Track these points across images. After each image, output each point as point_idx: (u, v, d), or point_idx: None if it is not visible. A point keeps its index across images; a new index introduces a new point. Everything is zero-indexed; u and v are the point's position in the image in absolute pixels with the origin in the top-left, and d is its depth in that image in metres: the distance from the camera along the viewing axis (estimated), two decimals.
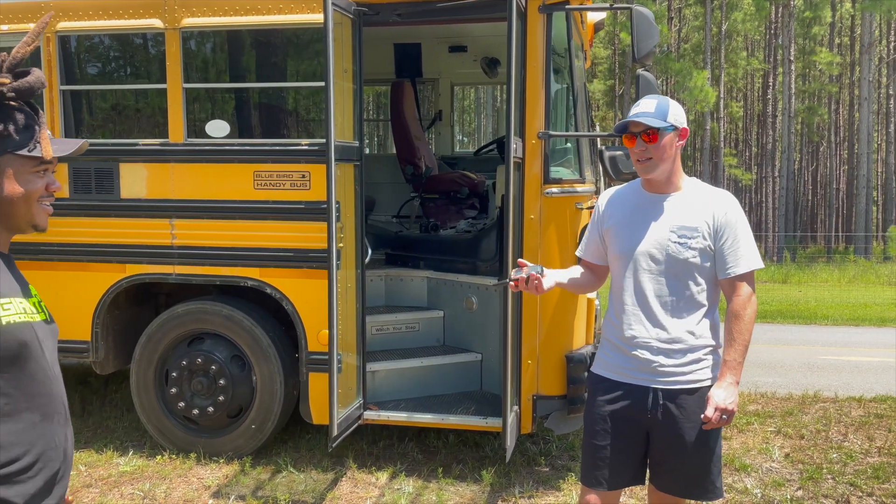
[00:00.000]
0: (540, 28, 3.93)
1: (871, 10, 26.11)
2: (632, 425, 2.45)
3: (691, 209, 2.40)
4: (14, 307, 1.44)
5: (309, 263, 4.27)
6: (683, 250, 2.36)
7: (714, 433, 2.44)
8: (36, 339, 1.47)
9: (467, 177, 5.88)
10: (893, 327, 11.03)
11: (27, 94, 1.46)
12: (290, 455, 4.52)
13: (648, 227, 2.41)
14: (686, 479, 2.47)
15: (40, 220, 1.53)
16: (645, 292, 2.40)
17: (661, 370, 2.40)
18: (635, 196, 2.49)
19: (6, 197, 1.47)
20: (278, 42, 4.43)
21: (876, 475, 4.04)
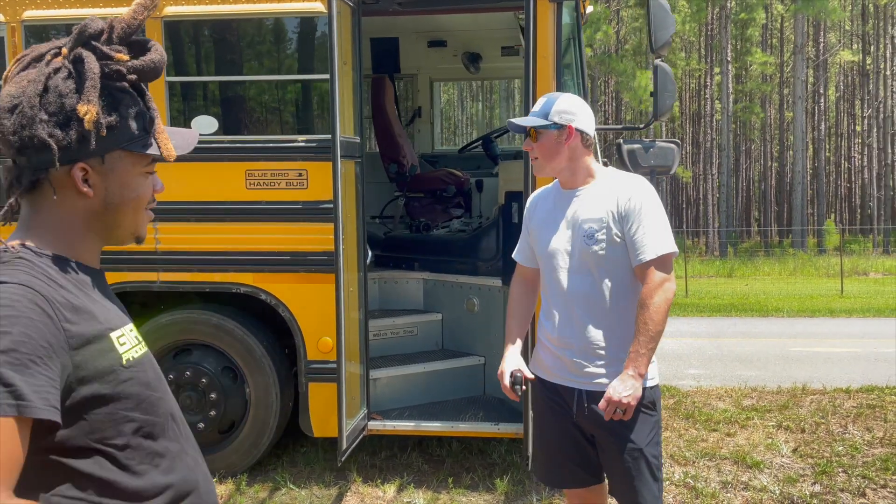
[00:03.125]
0: (550, 18, 3.80)
1: (802, 11, 27.16)
2: (561, 423, 2.43)
3: (597, 201, 2.33)
4: (128, 339, 1.18)
5: (307, 267, 4.02)
6: (591, 244, 2.29)
7: (643, 436, 2.30)
8: (154, 371, 1.24)
9: (453, 175, 5.71)
10: (844, 318, 11.43)
11: (151, 76, 1.16)
12: (288, 471, 4.26)
13: (560, 225, 2.37)
14: (617, 481, 2.39)
15: (144, 230, 1.25)
16: (564, 291, 2.34)
17: (585, 371, 2.34)
18: (553, 194, 2.46)
19: (115, 204, 1.18)
20: (270, 32, 4.17)
21: (885, 466, 4.07)
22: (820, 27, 34.70)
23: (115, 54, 1.13)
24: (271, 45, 4.23)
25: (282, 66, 4.25)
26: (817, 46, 35.13)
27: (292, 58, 4.23)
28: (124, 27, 1.14)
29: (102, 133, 1.11)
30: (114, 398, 1.12)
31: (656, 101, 3.61)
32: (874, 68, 35.42)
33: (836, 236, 24.64)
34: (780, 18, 36.51)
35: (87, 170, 1.14)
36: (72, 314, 1.09)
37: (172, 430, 1.24)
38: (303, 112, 4.29)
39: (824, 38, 35.93)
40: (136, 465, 1.16)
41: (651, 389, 2.33)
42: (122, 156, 1.16)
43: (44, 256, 1.13)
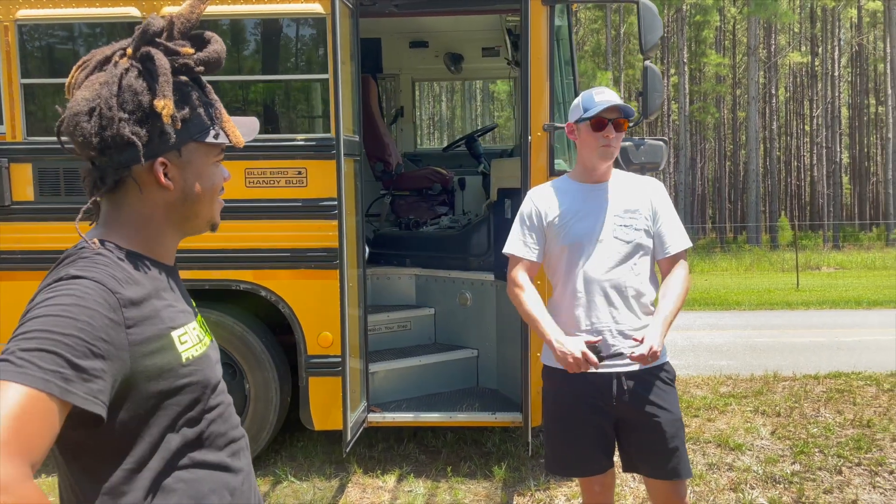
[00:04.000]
0: (543, 20, 3.94)
1: (754, 14, 27.98)
2: (598, 414, 2.46)
3: (630, 194, 2.50)
4: (189, 337, 1.20)
5: (307, 264, 4.09)
6: (631, 232, 2.45)
7: (677, 407, 2.49)
8: (214, 371, 1.25)
9: (439, 173, 5.82)
10: (803, 310, 11.88)
11: (216, 66, 1.20)
12: (288, 465, 4.32)
13: (596, 215, 2.46)
14: (667, 460, 2.46)
15: (218, 218, 1.29)
16: (598, 279, 2.43)
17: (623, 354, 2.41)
18: (572, 188, 2.54)
19: (193, 194, 1.22)
20: (270, 32, 4.22)
21: (858, 446, 4.32)
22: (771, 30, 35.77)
23: (181, 49, 1.18)
24: (271, 46, 4.29)
25: (281, 66, 4.31)
26: (768, 48, 36.21)
27: (291, 58, 4.28)
28: (184, 22, 1.19)
29: (177, 126, 1.16)
30: (172, 394, 1.15)
31: (645, 101, 3.77)
32: (822, 70, 36.67)
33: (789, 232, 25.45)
34: (733, 21, 37.52)
35: (166, 164, 1.18)
36: (137, 312, 1.11)
37: (236, 447, 1.26)
38: (302, 111, 4.35)
39: (775, 40, 37.06)
40: None
41: (670, 364, 2.53)
42: (196, 147, 1.20)
43: (121, 253, 1.17)
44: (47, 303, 1.06)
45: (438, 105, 40.98)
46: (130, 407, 1.11)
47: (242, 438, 1.30)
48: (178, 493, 1.16)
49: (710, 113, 34.54)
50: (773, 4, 26.15)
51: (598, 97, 2.45)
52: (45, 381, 0.98)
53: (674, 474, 2.46)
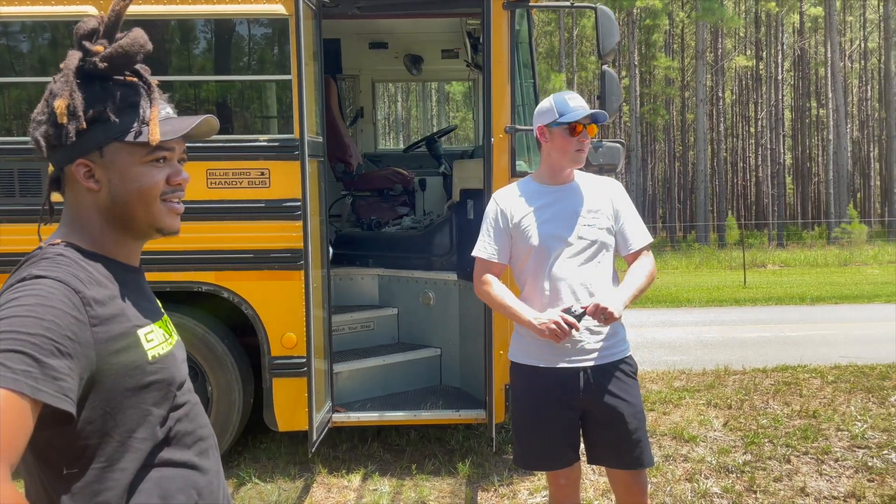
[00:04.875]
0: (504, 24, 4.01)
1: (702, 19, 28.72)
2: (565, 408, 2.53)
3: (592, 194, 2.60)
4: (156, 336, 1.21)
5: (270, 265, 4.08)
6: (595, 231, 2.54)
7: (640, 399, 2.59)
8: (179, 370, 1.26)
9: (400, 173, 5.86)
10: (750, 306, 12.28)
11: (124, 63, 1.17)
12: (252, 466, 4.31)
13: (561, 216, 2.54)
14: (630, 450, 2.54)
15: (165, 222, 1.24)
16: (564, 278, 2.50)
17: (589, 348, 2.52)
18: (537, 190, 2.60)
19: (120, 196, 1.19)
20: (232, 33, 4.19)
21: (805, 435, 4.52)
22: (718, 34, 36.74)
23: (93, 48, 1.16)
24: (233, 46, 4.26)
25: (243, 66, 4.28)
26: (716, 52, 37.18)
27: (254, 59, 4.27)
28: (105, 22, 1.18)
29: (82, 126, 1.15)
30: (139, 392, 1.16)
31: (604, 104, 3.87)
32: (767, 73, 37.86)
33: (736, 231, 26.20)
34: (681, 25, 38.43)
35: (89, 165, 1.18)
36: (101, 310, 1.13)
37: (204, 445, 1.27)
38: (265, 112, 4.34)
39: (722, 44, 38.07)
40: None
41: (632, 357, 2.62)
42: (119, 147, 1.18)
43: (82, 253, 1.19)
44: (12, 304, 1.07)
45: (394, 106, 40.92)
46: (98, 405, 1.12)
47: (210, 438, 1.31)
48: (146, 491, 1.17)
49: (660, 115, 35.34)
50: (719, 9, 26.89)
51: (572, 102, 2.52)
52: (16, 381, 0.99)
53: (636, 464, 2.55)
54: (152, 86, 1.23)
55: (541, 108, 2.60)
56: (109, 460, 1.14)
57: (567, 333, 2.39)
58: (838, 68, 30.27)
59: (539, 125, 2.59)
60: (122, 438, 1.15)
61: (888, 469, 4.04)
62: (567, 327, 2.38)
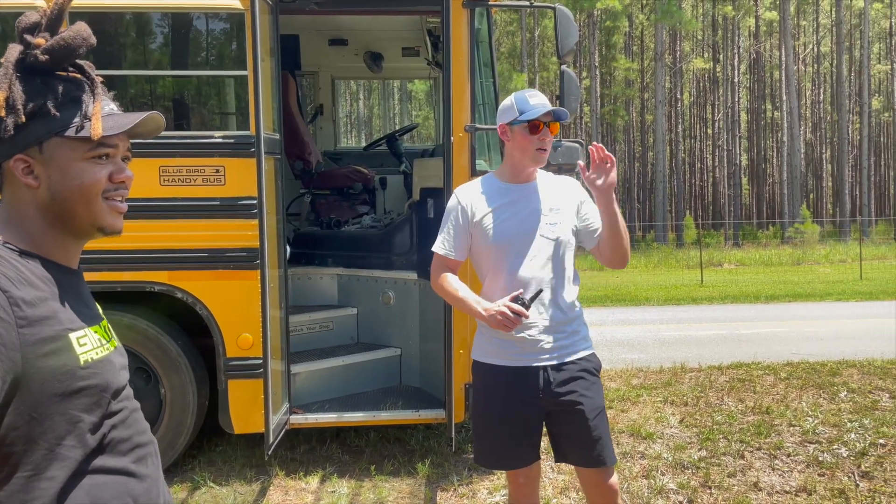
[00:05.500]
0: (464, 23, 4.00)
1: (661, 21, 29.18)
2: (527, 407, 2.52)
3: (553, 192, 2.60)
4: (90, 340, 1.17)
5: (225, 264, 4.00)
6: (556, 229, 2.53)
7: (601, 397, 2.59)
8: (116, 377, 1.21)
9: (360, 172, 5.81)
10: (706, 304, 12.52)
11: (65, 56, 1.14)
12: (207, 470, 4.22)
13: (524, 214, 2.53)
14: (592, 447, 2.54)
15: (107, 221, 1.20)
16: (525, 275, 2.49)
17: (548, 347, 2.51)
18: (499, 188, 2.58)
19: (60, 193, 1.15)
20: (187, 27, 4.09)
21: (759, 431, 4.61)
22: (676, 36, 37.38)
23: (34, 41, 1.13)
24: (188, 41, 4.17)
25: (199, 61, 4.19)
26: (674, 54, 37.82)
27: (209, 53, 4.17)
28: (48, 15, 1.15)
29: (21, 120, 1.11)
30: (69, 397, 1.11)
31: (562, 104, 3.89)
32: (723, 76, 38.67)
33: (694, 231, 26.69)
34: (641, 27, 39.00)
35: (28, 161, 1.15)
36: (31, 312, 1.09)
37: (142, 452, 1.23)
38: (220, 108, 4.25)
39: (680, 46, 38.75)
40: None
41: (595, 355, 2.62)
42: (59, 143, 1.15)
43: (16, 253, 1.14)
44: None
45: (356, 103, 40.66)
46: (23, 410, 1.08)
47: (150, 444, 1.27)
48: (77, 499, 1.13)
49: (620, 115, 35.80)
50: (677, 12, 27.35)
51: (533, 100, 2.49)
52: None
53: (599, 462, 2.54)
54: (95, 81, 1.20)
55: (503, 106, 2.58)
56: (36, 469, 1.10)
57: (516, 322, 2.38)
58: (792, 72, 31.06)
59: (500, 123, 2.57)
60: (49, 446, 1.10)
61: (838, 463, 4.14)
62: (515, 316, 2.36)
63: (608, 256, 2.56)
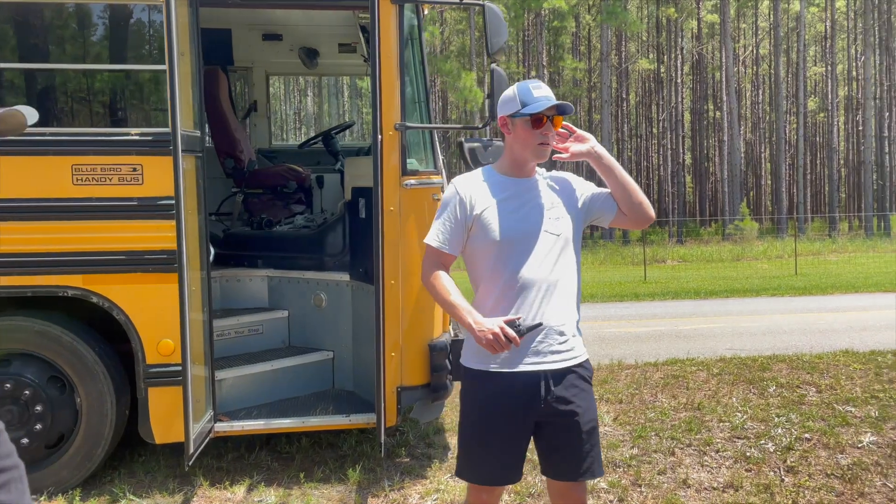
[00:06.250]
0: (393, 19, 3.91)
1: (606, 22, 29.60)
2: (520, 416, 2.41)
3: (554, 189, 2.50)
4: None
5: (144, 267, 3.83)
6: (560, 225, 2.43)
7: (595, 408, 2.52)
8: None
9: (294, 170, 5.67)
10: (648, 301, 12.73)
11: None
12: (127, 482, 4.04)
13: (528, 210, 2.43)
14: (581, 460, 2.45)
15: None
16: (531, 274, 2.38)
17: (551, 350, 2.39)
18: (501, 181, 2.47)
19: None
20: (102, 19, 3.90)
21: (690, 428, 4.66)
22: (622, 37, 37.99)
23: None
24: (104, 33, 3.97)
25: (115, 55, 4.00)
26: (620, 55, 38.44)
27: (125, 47, 3.99)
28: None
29: None
30: None
31: (492, 104, 3.84)
32: (667, 76, 39.47)
33: None
34: (588, 28, 39.51)
35: None
36: None
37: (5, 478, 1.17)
38: (138, 104, 4.07)
39: (625, 47, 39.40)
40: None
41: (589, 361, 2.52)
42: None
43: None
44: None
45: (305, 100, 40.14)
46: None
47: (14, 469, 1.18)
48: None
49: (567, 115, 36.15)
50: (622, 14, 27.78)
51: (537, 92, 2.38)
52: None
53: (588, 475, 2.45)
54: None
55: (504, 97, 2.46)
56: None
57: (505, 347, 2.27)
58: (732, 73, 31.90)
59: (501, 115, 2.45)
60: None
61: (764, 458, 4.21)
62: (506, 340, 2.26)
63: (631, 213, 2.50)
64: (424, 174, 4.12)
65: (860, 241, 27.24)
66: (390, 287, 3.95)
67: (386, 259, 3.91)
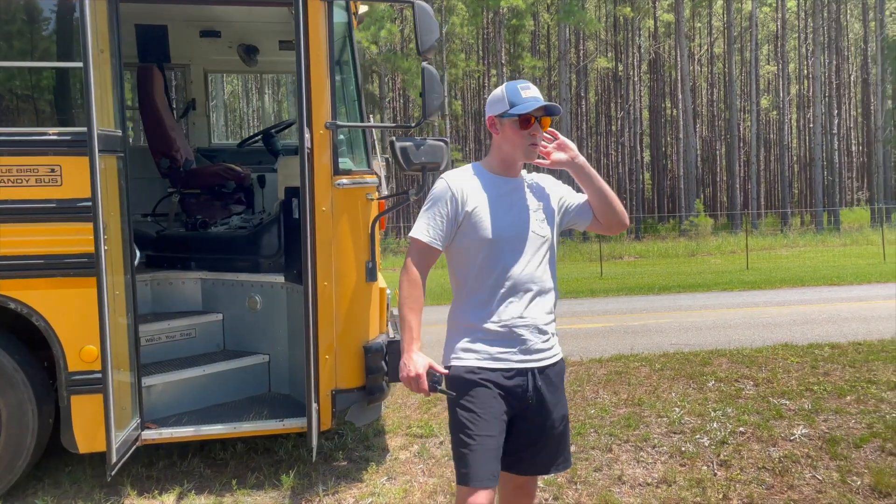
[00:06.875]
0: (322, 16, 3.85)
1: (564, 21, 29.81)
2: (504, 412, 2.42)
3: (539, 188, 2.55)
4: None
5: (64, 271, 3.70)
6: (545, 227, 2.48)
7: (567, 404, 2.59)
8: None
9: (232, 170, 5.55)
10: (602, 297, 12.85)
11: None
12: (51, 493, 3.91)
13: (518, 210, 2.46)
14: (555, 454, 2.53)
15: None
16: (518, 274, 2.42)
17: (536, 348, 2.45)
18: (491, 180, 2.48)
19: None
20: (17, 12, 3.75)
21: (628, 424, 4.69)
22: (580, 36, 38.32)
23: None
24: (18, 27, 3.82)
25: (30, 51, 3.85)
26: (578, 54, 38.76)
27: (42, 43, 3.84)
28: None
29: None
30: None
31: (424, 102, 3.80)
32: (625, 75, 39.93)
33: None
34: (546, 27, 39.75)
35: None
36: None
37: None
38: (56, 102, 3.93)
39: (584, 46, 39.75)
40: None
41: (563, 360, 2.58)
42: None
43: None
44: None
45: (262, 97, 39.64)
46: None
47: None
48: None
49: None
50: (579, 12, 28.03)
51: (525, 93, 2.40)
52: None
53: (563, 465, 2.55)
54: None
55: (493, 96, 2.48)
56: None
57: (415, 390, 2.38)
58: (687, 71, 32.42)
59: (490, 115, 2.47)
60: None
61: (699, 453, 4.25)
62: (419, 386, 2.37)
63: (606, 221, 2.55)
64: (358, 174, 4.06)
65: (811, 236, 27.96)
66: (323, 288, 3.89)
67: (319, 260, 3.85)
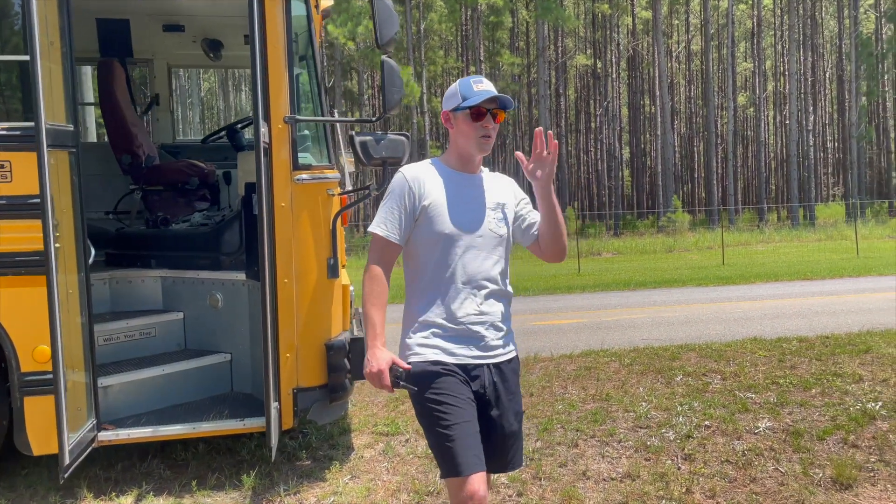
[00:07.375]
0: (279, 9, 3.79)
1: (542, 18, 29.85)
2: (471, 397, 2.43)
3: (498, 187, 2.55)
4: None
5: (15, 269, 3.61)
6: (502, 226, 2.49)
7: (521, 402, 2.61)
8: None
9: (196, 166, 5.47)
10: (579, 293, 12.89)
11: None
12: (5, 496, 3.82)
13: (476, 206, 2.47)
14: (511, 452, 2.54)
15: None
16: (473, 270, 2.43)
17: (492, 345, 2.47)
18: (449, 174, 2.49)
19: None
20: None
21: (595, 419, 4.68)
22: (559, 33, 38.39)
23: None
24: None
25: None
26: (557, 51, 38.84)
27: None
28: None
29: None
30: None
31: (384, 96, 3.76)
32: (604, 72, 40.09)
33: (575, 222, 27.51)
34: (525, 24, 39.78)
35: None
36: None
37: None
38: (4, 96, 3.84)
39: (562, 43, 39.82)
40: None
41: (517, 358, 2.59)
42: None
43: None
44: None
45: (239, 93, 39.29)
46: None
47: None
48: None
49: None
50: (557, 9, 28.08)
51: (477, 86, 2.42)
52: None
53: (510, 467, 2.56)
54: None
55: (448, 92, 2.50)
56: None
57: (378, 386, 2.40)
58: (665, 69, 32.61)
59: (444, 111, 2.49)
60: None
61: (664, 447, 4.25)
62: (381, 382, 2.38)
63: (548, 250, 2.55)
64: (318, 169, 4.00)
65: (786, 231, 28.27)
66: (283, 286, 3.84)
67: (279, 257, 3.80)
